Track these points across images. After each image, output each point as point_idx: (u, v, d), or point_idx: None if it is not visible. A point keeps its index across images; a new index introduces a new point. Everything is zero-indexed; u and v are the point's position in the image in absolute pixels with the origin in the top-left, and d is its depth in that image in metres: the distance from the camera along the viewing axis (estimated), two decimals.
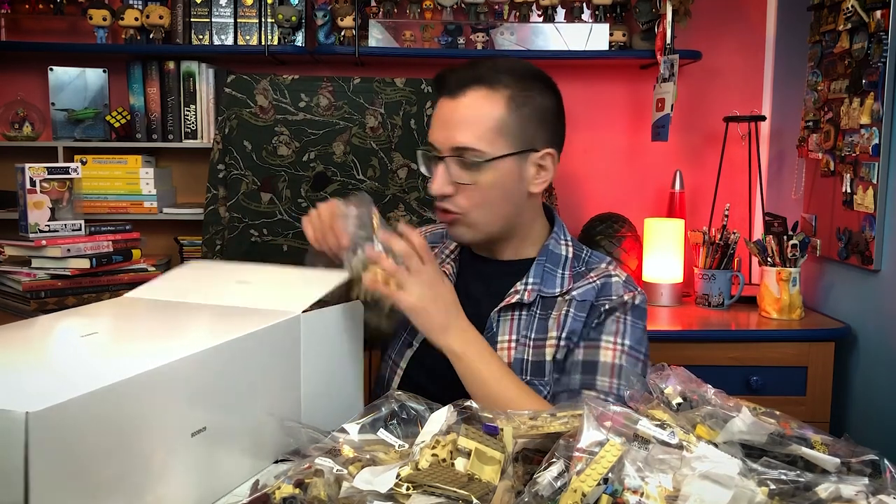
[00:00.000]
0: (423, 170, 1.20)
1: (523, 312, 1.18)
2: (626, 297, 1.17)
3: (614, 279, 1.19)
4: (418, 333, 1.19)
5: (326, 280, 1.05)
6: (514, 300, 1.18)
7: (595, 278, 1.19)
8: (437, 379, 1.11)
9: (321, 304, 1.01)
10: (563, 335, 1.15)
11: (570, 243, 1.24)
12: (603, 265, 1.22)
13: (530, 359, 1.16)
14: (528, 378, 1.15)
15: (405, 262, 1.05)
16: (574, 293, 1.18)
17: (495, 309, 1.18)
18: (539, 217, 1.25)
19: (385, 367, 1.29)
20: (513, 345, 1.17)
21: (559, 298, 1.18)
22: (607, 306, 1.16)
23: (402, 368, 1.24)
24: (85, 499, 0.65)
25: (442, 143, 1.14)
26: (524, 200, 1.18)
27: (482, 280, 1.23)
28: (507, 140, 1.13)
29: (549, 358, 1.15)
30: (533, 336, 1.17)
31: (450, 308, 1.08)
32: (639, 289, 1.20)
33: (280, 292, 1.07)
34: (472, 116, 1.12)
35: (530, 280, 1.19)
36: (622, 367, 1.13)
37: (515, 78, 1.17)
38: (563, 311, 1.17)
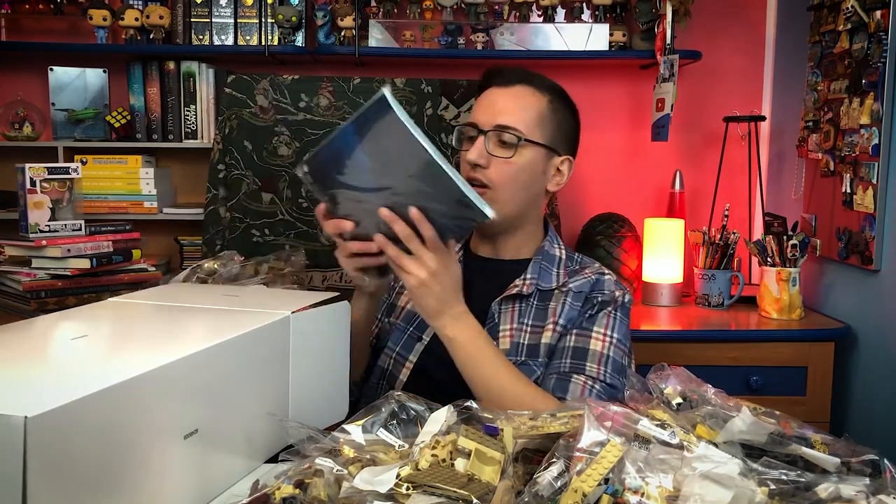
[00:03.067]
0: (455, 144, 1.32)
1: (522, 303, 1.28)
2: (617, 294, 1.27)
3: (607, 277, 1.31)
4: (427, 327, 1.26)
5: (313, 294, 1.09)
6: (513, 292, 1.28)
7: (590, 274, 1.31)
8: (450, 368, 1.14)
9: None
10: (560, 321, 1.25)
11: (562, 247, 1.36)
12: (595, 265, 1.34)
13: (526, 342, 1.25)
14: (523, 358, 1.23)
15: (406, 244, 1.05)
16: (571, 285, 1.29)
17: (496, 300, 1.27)
18: (540, 222, 1.37)
19: (386, 360, 1.32)
20: (514, 332, 1.25)
21: (556, 291, 1.29)
22: (600, 299, 1.26)
23: (413, 362, 1.28)
24: (81, 501, 0.65)
25: (486, 122, 1.26)
26: (540, 196, 1.32)
27: (484, 277, 1.31)
28: (542, 133, 1.27)
29: (545, 341, 1.24)
30: (531, 323, 1.27)
31: (447, 294, 1.09)
32: (627, 289, 1.31)
33: (269, 300, 1.09)
34: (519, 104, 1.26)
35: (528, 275, 1.30)
36: (610, 357, 1.22)
37: (555, 90, 1.32)
38: (561, 301, 1.27)
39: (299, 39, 2.39)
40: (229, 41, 2.39)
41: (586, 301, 1.27)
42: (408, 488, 0.66)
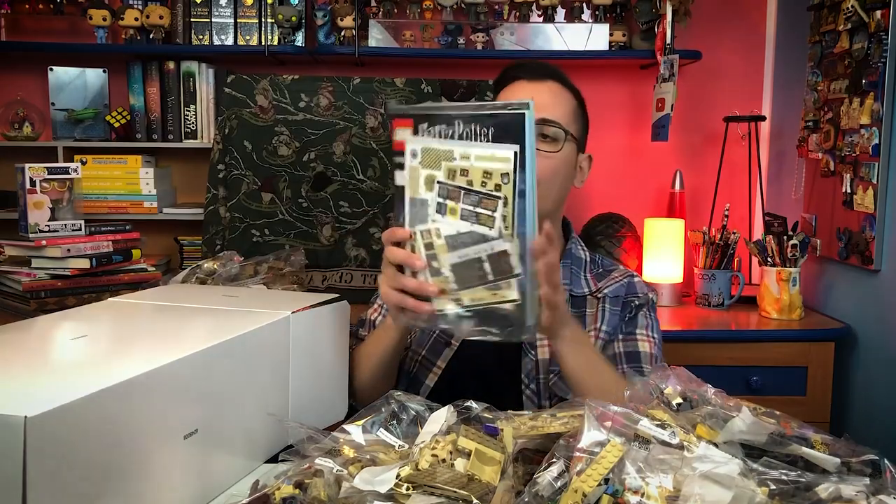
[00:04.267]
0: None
1: None
2: (650, 296, 1.32)
3: (636, 279, 1.33)
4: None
5: (313, 295, 1.07)
6: None
7: (620, 277, 1.32)
8: (482, 376, 1.14)
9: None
10: (604, 328, 1.26)
11: (584, 248, 1.38)
12: (620, 267, 1.36)
13: None
14: None
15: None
16: (606, 291, 1.30)
17: None
18: (560, 221, 1.38)
19: (410, 363, 1.29)
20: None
21: (589, 297, 1.29)
22: (636, 302, 1.29)
23: (441, 367, 1.25)
24: (81, 501, 0.65)
25: None
26: (568, 192, 1.33)
27: None
28: (576, 129, 1.28)
29: None
30: None
31: (565, 307, 1.05)
32: (652, 288, 1.35)
33: (268, 300, 1.09)
34: (557, 98, 1.26)
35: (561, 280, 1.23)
36: (658, 356, 1.27)
37: (577, 89, 1.32)
38: (599, 308, 1.28)
39: (299, 39, 2.39)
40: (229, 41, 2.39)
41: (624, 306, 1.28)
42: (408, 488, 0.66)
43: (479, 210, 0.93)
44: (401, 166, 0.96)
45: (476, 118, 0.91)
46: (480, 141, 0.91)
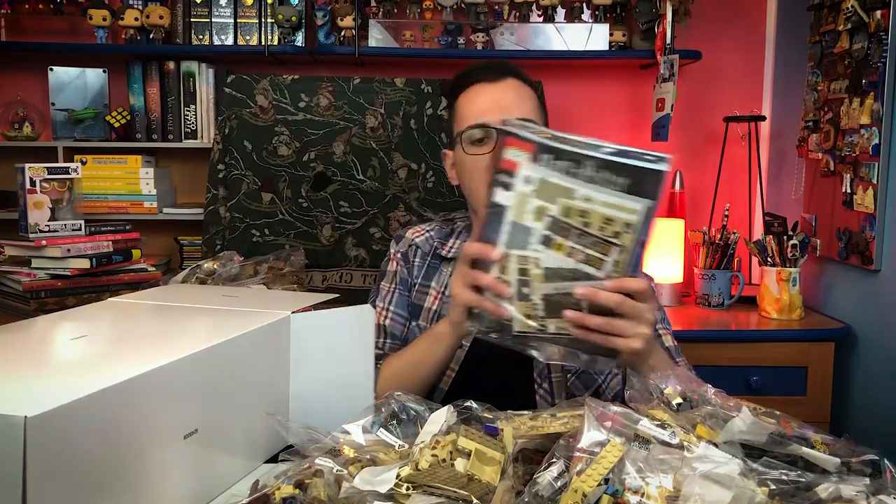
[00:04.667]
0: (465, 149, 1.22)
1: None
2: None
3: None
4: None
5: (313, 295, 1.07)
6: None
7: None
8: (495, 377, 1.13)
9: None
10: None
11: None
12: None
13: None
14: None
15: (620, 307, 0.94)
16: None
17: None
18: None
19: None
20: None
21: None
22: None
23: (455, 370, 1.23)
24: (81, 501, 0.65)
25: (497, 119, 1.17)
26: None
27: None
28: (543, 121, 1.26)
29: None
30: None
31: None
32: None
33: (268, 300, 1.09)
34: (522, 96, 1.24)
35: None
36: (677, 345, 1.26)
37: (531, 80, 1.30)
38: None
39: (299, 39, 2.39)
40: (229, 41, 2.39)
41: None
42: (408, 488, 0.66)
43: (590, 252, 0.92)
44: (506, 186, 0.93)
45: (609, 165, 0.88)
46: (609, 188, 0.88)
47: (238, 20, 2.39)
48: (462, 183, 1.28)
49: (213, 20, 2.39)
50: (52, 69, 2.40)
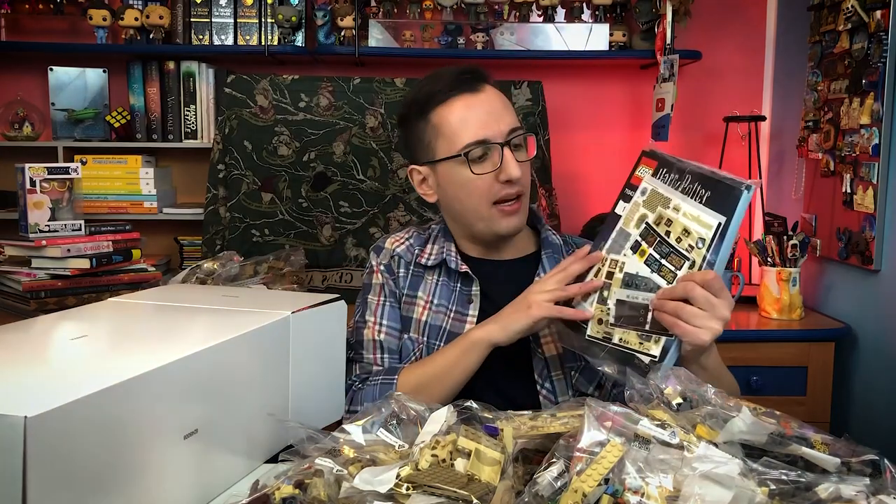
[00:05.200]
0: (472, 170, 1.15)
1: None
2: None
3: None
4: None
5: (312, 295, 1.07)
6: None
7: None
8: (494, 383, 1.13)
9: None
10: None
11: (556, 232, 1.32)
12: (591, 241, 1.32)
13: None
14: (585, 362, 1.17)
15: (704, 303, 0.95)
16: None
17: None
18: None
19: None
20: (556, 337, 1.18)
21: None
22: None
23: None
24: (82, 502, 0.65)
25: (496, 133, 1.15)
26: None
27: (499, 283, 1.23)
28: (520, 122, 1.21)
29: None
30: None
31: None
32: None
33: (268, 300, 1.09)
34: (501, 103, 1.20)
35: (547, 271, 1.20)
36: None
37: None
38: None
39: (299, 39, 2.39)
40: (229, 41, 2.39)
41: None
42: (408, 488, 0.66)
43: (664, 262, 0.98)
44: (627, 198, 1.05)
45: (702, 178, 0.96)
46: (695, 199, 0.96)
47: (238, 20, 2.39)
48: (455, 200, 1.20)
49: (213, 20, 2.39)
50: (52, 69, 2.41)
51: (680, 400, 0.76)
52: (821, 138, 2.15)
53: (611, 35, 2.38)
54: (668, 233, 0.97)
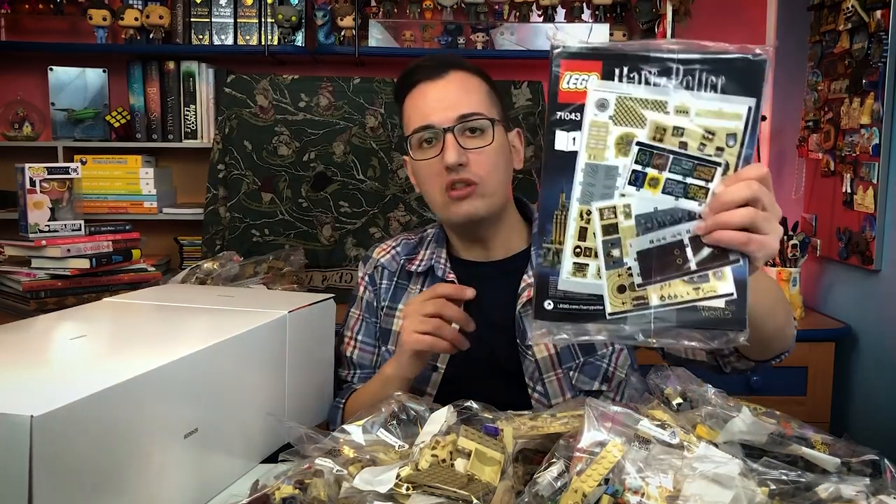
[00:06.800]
0: (413, 155, 1.18)
1: None
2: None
3: None
4: (439, 355, 1.15)
5: (309, 294, 1.08)
6: (532, 294, 1.16)
7: None
8: (484, 391, 1.09)
9: None
10: None
11: None
12: None
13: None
14: (583, 358, 1.16)
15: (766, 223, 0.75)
16: None
17: (517, 308, 1.17)
18: (513, 204, 1.26)
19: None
20: (550, 343, 1.14)
21: None
22: None
23: (432, 395, 1.18)
24: (86, 500, 0.65)
25: (444, 118, 1.14)
26: (511, 174, 1.21)
27: (487, 284, 1.19)
28: (496, 111, 1.18)
29: None
30: None
31: None
32: None
33: (265, 300, 1.09)
34: (467, 87, 1.17)
35: None
36: None
37: (479, 69, 1.23)
38: None
39: (299, 39, 2.39)
40: (229, 41, 2.39)
41: None
42: (408, 488, 0.66)
43: (690, 181, 0.74)
44: (568, 124, 0.73)
45: (703, 62, 0.72)
46: (707, 91, 0.72)
47: (238, 20, 2.39)
48: (420, 188, 1.22)
49: (213, 20, 2.39)
50: (52, 69, 2.41)
51: (680, 400, 0.76)
52: (821, 138, 2.15)
53: (611, 35, 2.38)
54: (683, 144, 0.73)
